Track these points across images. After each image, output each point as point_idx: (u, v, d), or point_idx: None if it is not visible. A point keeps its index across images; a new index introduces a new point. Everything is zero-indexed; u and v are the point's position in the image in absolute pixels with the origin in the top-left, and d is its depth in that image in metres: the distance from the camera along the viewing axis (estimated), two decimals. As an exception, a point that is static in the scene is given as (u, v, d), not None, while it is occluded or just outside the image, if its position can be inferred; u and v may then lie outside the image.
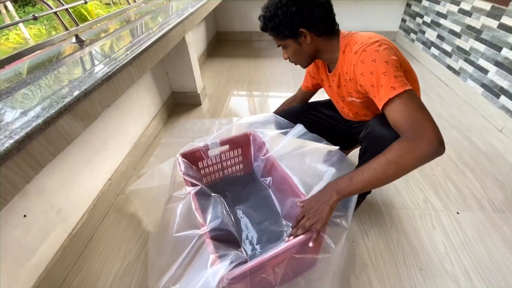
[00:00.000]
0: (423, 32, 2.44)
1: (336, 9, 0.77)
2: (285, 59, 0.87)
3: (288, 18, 0.73)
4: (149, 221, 1.06)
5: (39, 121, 0.58)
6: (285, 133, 0.95)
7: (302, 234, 0.68)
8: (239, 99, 2.02)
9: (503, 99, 1.56)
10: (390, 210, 1.11)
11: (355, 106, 0.88)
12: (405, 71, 0.71)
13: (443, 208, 1.11)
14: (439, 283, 0.87)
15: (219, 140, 1.01)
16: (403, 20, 2.84)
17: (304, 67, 0.90)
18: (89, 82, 0.75)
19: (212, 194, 0.84)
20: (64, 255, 0.90)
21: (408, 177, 1.25)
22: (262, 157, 1.00)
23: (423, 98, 0.86)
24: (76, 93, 0.69)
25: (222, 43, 3.16)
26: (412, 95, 0.63)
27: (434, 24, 2.27)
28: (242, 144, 1.08)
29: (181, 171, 0.87)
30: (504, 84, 1.56)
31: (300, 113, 1.07)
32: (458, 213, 1.09)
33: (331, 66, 0.87)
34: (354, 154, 1.15)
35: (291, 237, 0.69)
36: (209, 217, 0.73)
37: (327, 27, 0.77)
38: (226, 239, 0.73)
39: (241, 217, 1.00)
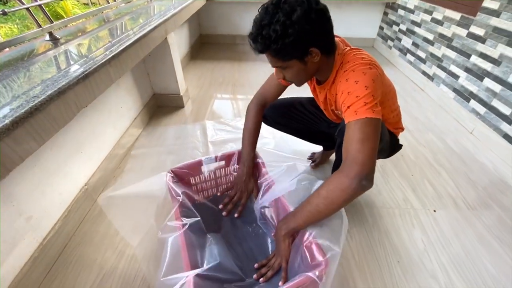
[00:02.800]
0: (400, 40, 2.55)
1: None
2: (280, 79, 0.78)
3: (301, 37, 0.62)
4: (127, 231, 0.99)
5: (6, 121, 0.54)
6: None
7: (272, 275, 0.73)
8: (223, 101, 2.01)
9: (472, 102, 1.66)
10: (371, 209, 1.13)
11: (338, 115, 0.90)
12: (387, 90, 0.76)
13: (421, 207, 1.15)
14: (418, 278, 0.89)
15: (215, 156, 0.96)
16: (381, 28, 2.96)
17: (299, 85, 0.81)
18: (63, 81, 0.71)
19: (208, 235, 0.81)
20: (34, 267, 0.84)
21: (388, 177, 1.29)
22: (261, 180, 0.93)
23: (401, 103, 0.89)
24: (49, 92, 0.65)
25: (206, 45, 3.14)
26: (369, 124, 0.62)
27: (409, 32, 2.39)
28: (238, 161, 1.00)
29: (176, 198, 0.81)
30: (473, 88, 1.66)
31: (287, 107, 1.09)
32: (435, 211, 1.14)
33: (320, 78, 0.84)
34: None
35: (262, 278, 0.73)
36: (205, 258, 0.71)
37: (333, 43, 0.72)
38: (227, 278, 0.71)
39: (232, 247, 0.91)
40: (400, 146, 1.02)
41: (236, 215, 0.95)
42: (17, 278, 0.79)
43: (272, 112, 1.10)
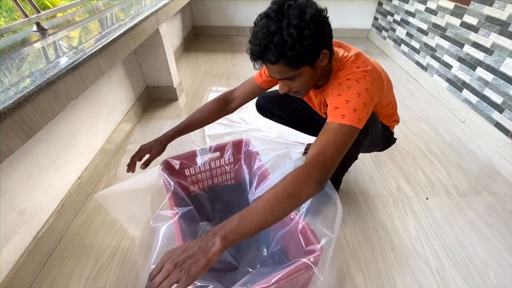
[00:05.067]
0: (394, 30, 2.55)
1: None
2: (285, 92, 0.71)
3: (317, 38, 0.59)
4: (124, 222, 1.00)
5: (-7, 112, 0.53)
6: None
7: None
8: (217, 94, 1.98)
9: (465, 92, 1.68)
10: (365, 198, 1.15)
11: None
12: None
13: (414, 195, 1.17)
14: (411, 264, 0.92)
15: (209, 146, 0.95)
16: (375, 18, 2.95)
17: (304, 95, 0.77)
18: (52, 72, 0.69)
19: (201, 224, 0.80)
20: (29, 260, 0.84)
21: (382, 167, 1.31)
22: (255, 170, 0.92)
23: (395, 93, 0.90)
24: (38, 83, 0.64)
25: (199, 37, 3.09)
26: (351, 133, 0.62)
27: (404, 22, 2.38)
28: (234, 151, 1.00)
29: (169, 188, 0.80)
30: (466, 78, 1.67)
31: (283, 98, 1.08)
32: (427, 199, 1.16)
33: (320, 83, 0.81)
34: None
35: None
36: None
37: (332, 44, 0.69)
38: (220, 267, 0.69)
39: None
40: (394, 140, 1.03)
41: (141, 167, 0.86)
42: (12, 271, 0.78)
43: (269, 103, 1.10)
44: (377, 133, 0.89)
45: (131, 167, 0.83)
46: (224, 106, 0.94)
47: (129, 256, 0.92)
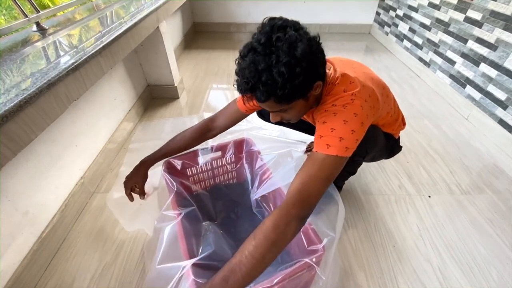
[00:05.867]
0: (396, 25, 2.52)
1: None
2: (277, 121, 0.68)
3: (309, 74, 0.55)
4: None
5: (-5, 115, 0.53)
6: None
7: None
8: (219, 92, 1.99)
9: (468, 88, 1.66)
10: (367, 196, 1.15)
11: None
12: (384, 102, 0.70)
13: (416, 193, 1.17)
14: (413, 262, 0.92)
15: (211, 146, 0.95)
16: (378, 13, 2.92)
17: (296, 121, 0.73)
18: (53, 73, 0.69)
19: (203, 223, 0.81)
20: (34, 260, 0.84)
21: (384, 165, 1.30)
22: (257, 169, 0.93)
23: (397, 89, 0.89)
24: (39, 84, 0.64)
25: (200, 34, 3.07)
26: (335, 163, 0.59)
27: (406, 17, 2.35)
28: (236, 151, 1.00)
29: (172, 188, 0.81)
30: (469, 74, 1.65)
31: None
32: (429, 196, 1.15)
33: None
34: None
35: None
36: (201, 246, 0.70)
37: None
38: (218, 267, 0.69)
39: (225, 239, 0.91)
40: (399, 148, 1.00)
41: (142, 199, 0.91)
42: (17, 272, 0.79)
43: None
44: (379, 148, 0.87)
45: (130, 198, 0.90)
46: (204, 133, 0.91)
47: (134, 255, 0.93)
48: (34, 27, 1.04)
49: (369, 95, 0.65)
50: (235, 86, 0.59)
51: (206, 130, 0.90)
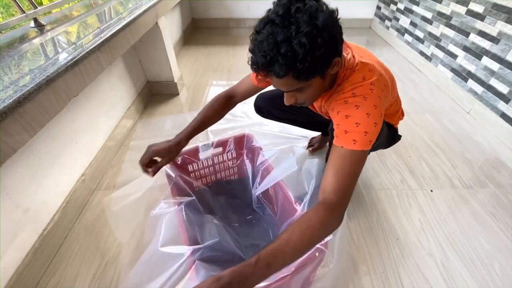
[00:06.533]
0: (397, 19, 2.50)
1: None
2: (291, 104, 0.66)
3: (330, 47, 0.52)
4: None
5: (-6, 111, 0.52)
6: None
7: None
8: (219, 88, 1.97)
9: (470, 82, 1.65)
10: (369, 191, 1.15)
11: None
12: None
13: (418, 187, 1.17)
14: (416, 256, 0.92)
15: (212, 142, 0.94)
16: (378, 8, 2.89)
17: (310, 104, 0.71)
18: (52, 69, 0.68)
19: (205, 216, 0.81)
20: (36, 257, 0.84)
21: (386, 159, 1.30)
22: (258, 165, 0.92)
23: (398, 84, 0.88)
24: (37, 80, 0.63)
25: (199, 30, 3.05)
26: (362, 157, 0.59)
27: (407, 11, 2.33)
28: (236, 146, 0.99)
29: (172, 180, 0.80)
30: (471, 68, 1.64)
31: (280, 98, 1.06)
32: (432, 191, 1.15)
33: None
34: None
35: None
36: (204, 236, 0.69)
37: None
38: (222, 259, 0.69)
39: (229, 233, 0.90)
40: (399, 137, 1.01)
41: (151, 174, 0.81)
42: (19, 269, 0.79)
43: (267, 105, 1.07)
44: (383, 137, 0.87)
45: (145, 170, 0.77)
46: (229, 105, 0.90)
47: (135, 252, 0.93)
48: (32, 24, 1.02)
49: (384, 85, 0.65)
50: (249, 63, 0.56)
51: (230, 97, 0.89)
